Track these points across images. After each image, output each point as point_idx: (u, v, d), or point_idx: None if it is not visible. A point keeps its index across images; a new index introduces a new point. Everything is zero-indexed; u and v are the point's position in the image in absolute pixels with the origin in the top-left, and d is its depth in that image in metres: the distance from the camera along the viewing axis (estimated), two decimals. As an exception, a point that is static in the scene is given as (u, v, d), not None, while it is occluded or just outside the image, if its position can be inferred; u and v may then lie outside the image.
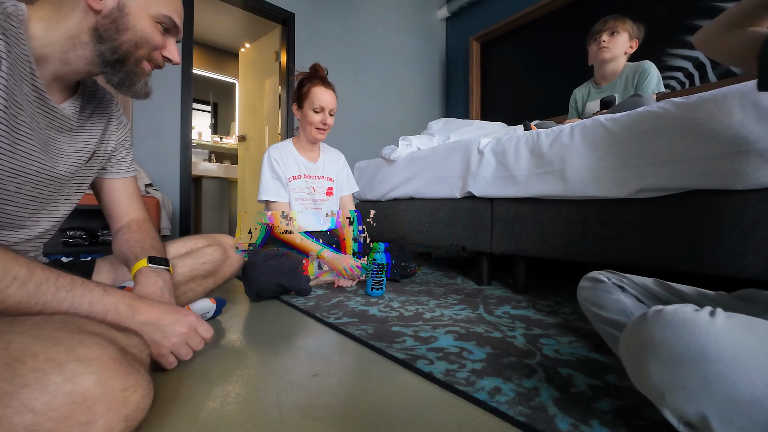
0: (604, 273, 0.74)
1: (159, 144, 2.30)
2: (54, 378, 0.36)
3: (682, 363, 0.37)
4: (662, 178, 0.92)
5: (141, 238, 0.75)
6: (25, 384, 0.35)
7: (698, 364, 0.36)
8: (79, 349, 0.39)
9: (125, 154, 0.80)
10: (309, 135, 1.48)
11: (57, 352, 0.38)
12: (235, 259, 0.98)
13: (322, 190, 1.55)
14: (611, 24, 1.54)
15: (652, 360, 0.40)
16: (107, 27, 0.58)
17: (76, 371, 0.37)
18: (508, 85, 3.42)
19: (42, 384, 0.35)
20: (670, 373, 0.38)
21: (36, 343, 0.38)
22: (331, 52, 3.06)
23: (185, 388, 0.60)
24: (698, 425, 0.38)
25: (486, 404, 0.54)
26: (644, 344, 0.41)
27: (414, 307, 1.10)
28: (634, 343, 0.43)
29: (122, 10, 0.58)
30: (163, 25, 0.62)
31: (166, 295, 0.67)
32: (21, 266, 0.46)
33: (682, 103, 0.90)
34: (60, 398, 0.35)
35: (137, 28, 0.60)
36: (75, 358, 0.38)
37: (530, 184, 1.22)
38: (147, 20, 0.61)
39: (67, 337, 0.40)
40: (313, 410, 0.54)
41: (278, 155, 1.47)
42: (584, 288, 0.75)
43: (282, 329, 0.91)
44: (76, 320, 0.46)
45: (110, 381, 0.38)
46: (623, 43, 1.54)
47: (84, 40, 0.58)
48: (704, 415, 0.36)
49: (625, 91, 1.53)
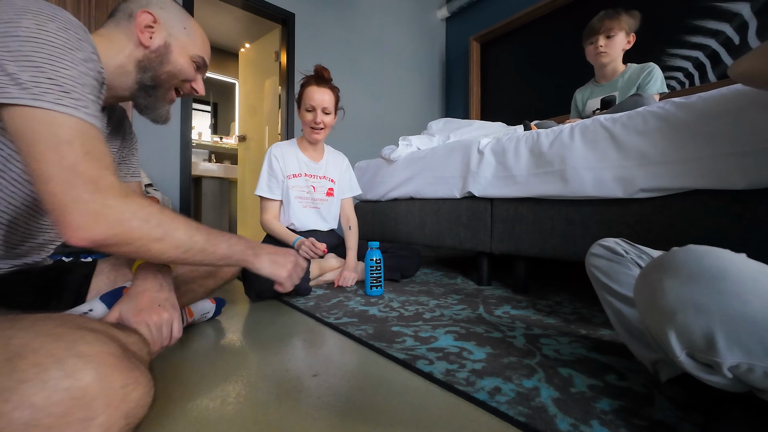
0: (621, 244, 0.70)
1: (159, 144, 2.30)
2: (54, 373, 0.36)
3: (701, 280, 0.39)
4: (662, 178, 0.92)
5: None
6: (25, 379, 0.35)
7: (716, 280, 0.38)
8: (80, 345, 0.39)
9: (134, 160, 0.87)
10: (307, 135, 1.50)
11: (57, 347, 0.38)
12: None
13: (323, 190, 1.55)
14: (607, 25, 1.50)
15: (670, 279, 0.41)
16: (153, 60, 0.68)
17: (76, 367, 0.37)
18: (508, 85, 3.42)
19: (42, 379, 0.35)
20: (687, 289, 0.39)
21: (36, 339, 0.38)
22: (331, 52, 3.06)
23: (185, 388, 0.60)
24: (703, 348, 0.38)
25: (486, 404, 0.54)
26: (664, 267, 0.42)
27: (414, 307, 1.10)
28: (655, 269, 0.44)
29: (167, 48, 0.70)
30: (196, 64, 0.75)
31: (165, 289, 0.68)
32: (194, 224, 0.59)
33: (682, 103, 0.90)
34: (59, 394, 0.35)
35: (177, 63, 0.71)
36: (75, 354, 0.38)
37: (530, 184, 1.22)
38: (185, 58, 0.73)
39: (68, 333, 0.40)
40: (313, 410, 0.54)
41: (279, 153, 1.50)
42: (598, 256, 0.71)
43: (282, 329, 0.91)
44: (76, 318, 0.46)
45: (110, 377, 0.38)
46: (620, 43, 1.52)
47: (129, 69, 0.67)
48: (712, 332, 0.37)
49: (628, 90, 1.51)
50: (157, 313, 0.62)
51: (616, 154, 1.01)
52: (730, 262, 0.39)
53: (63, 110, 0.47)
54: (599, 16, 1.53)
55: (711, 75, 2.20)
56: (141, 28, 0.67)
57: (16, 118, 0.46)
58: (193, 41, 0.74)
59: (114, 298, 0.69)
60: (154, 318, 0.61)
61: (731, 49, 2.13)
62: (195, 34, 0.75)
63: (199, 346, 0.80)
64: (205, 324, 0.95)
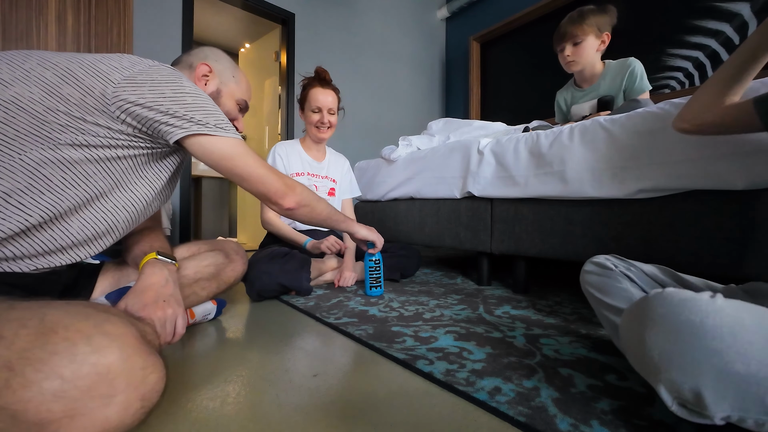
0: (611, 259, 0.72)
1: (159, 144, 2.30)
2: (82, 348, 0.38)
3: (681, 337, 0.38)
4: (662, 178, 0.92)
5: (150, 239, 0.80)
6: (56, 352, 0.37)
7: (696, 338, 0.37)
8: (106, 324, 0.41)
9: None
10: (312, 135, 1.53)
11: (86, 325, 0.40)
12: (238, 263, 0.98)
13: (324, 190, 1.57)
14: (571, 32, 1.38)
15: (651, 335, 0.41)
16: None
17: (102, 344, 0.39)
18: (508, 85, 3.42)
19: (71, 353, 0.37)
20: (669, 347, 0.39)
21: (67, 317, 0.41)
22: (331, 52, 3.06)
23: (185, 388, 0.60)
24: (692, 402, 0.38)
25: (486, 404, 0.54)
26: (645, 320, 0.42)
27: (414, 307, 1.10)
28: (636, 320, 0.43)
29: (219, 93, 0.84)
30: (240, 106, 0.88)
31: (171, 285, 0.68)
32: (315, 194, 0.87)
33: (682, 103, 0.90)
34: (86, 368, 0.37)
35: (226, 105, 0.85)
36: (102, 332, 0.40)
37: (530, 184, 1.22)
38: (232, 102, 0.86)
39: (95, 314, 0.43)
40: (313, 410, 0.54)
41: (283, 151, 1.52)
42: (590, 272, 0.74)
43: (282, 329, 0.91)
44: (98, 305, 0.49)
45: (132, 358, 0.40)
46: (590, 47, 1.39)
47: None
48: (699, 389, 0.37)
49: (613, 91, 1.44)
50: (161, 308, 0.63)
51: (615, 154, 1.01)
52: (706, 315, 0.38)
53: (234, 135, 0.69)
54: (564, 20, 1.41)
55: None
56: (199, 76, 0.81)
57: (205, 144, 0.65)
58: (240, 88, 0.87)
59: (119, 296, 0.69)
60: (158, 313, 0.62)
61: (731, 49, 2.13)
62: (241, 82, 0.88)
63: (200, 346, 0.80)
64: (205, 324, 0.95)
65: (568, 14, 1.42)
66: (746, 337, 0.36)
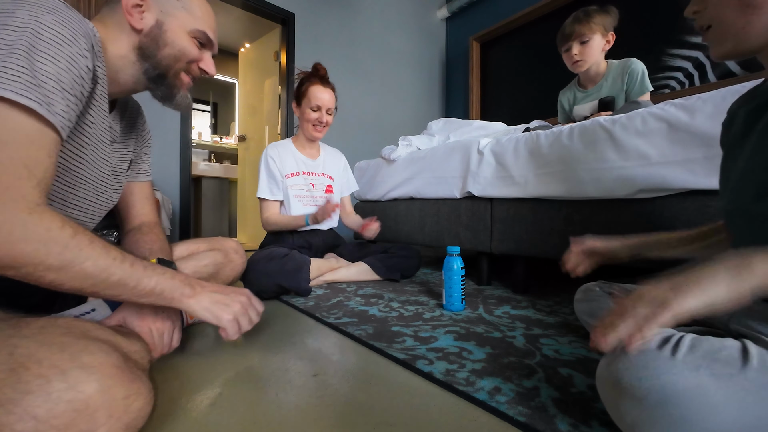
0: (597, 284, 0.76)
1: (159, 144, 2.30)
2: (57, 385, 0.35)
3: (648, 405, 0.37)
4: (662, 178, 0.92)
5: (150, 240, 0.77)
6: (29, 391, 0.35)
7: (662, 406, 0.37)
8: (83, 356, 0.39)
9: (145, 159, 0.85)
10: (307, 132, 1.50)
11: (61, 358, 0.37)
12: (237, 263, 0.98)
13: (321, 188, 1.56)
14: (578, 31, 1.39)
15: (623, 400, 0.40)
16: (148, 44, 0.63)
17: (80, 378, 0.37)
18: (508, 85, 3.42)
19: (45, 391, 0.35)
20: (640, 413, 0.38)
21: (41, 349, 0.38)
22: (331, 52, 3.06)
23: (185, 388, 0.60)
24: None
25: (486, 404, 0.54)
26: (614, 385, 0.41)
27: (414, 307, 1.10)
28: (607, 383, 0.43)
29: (161, 28, 0.63)
30: (198, 40, 0.67)
31: None
32: (115, 251, 0.50)
33: (682, 103, 0.90)
34: (62, 406, 0.35)
35: (176, 44, 0.64)
36: (79, 365, 0.38)
37: (530, 184, 1.22)
38: (184, 36, 0.66)
39: (72, 344, 0.40)
40: (313, 410, 0.54)
41: (275, 153, 1.50)
42: (578, 301, 0.77)
43: (282, 329, 0.91)
44: (81, 324, 0.46)
45: (113, 389, 0.38)
46: (597, 46, 1.41)
47: (132, 59, 0.63)
48: None
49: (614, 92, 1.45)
50: (160, 320, 0.62)
51: (615, 154, 1.01)
52: (666, 378, 0.37)
53: (24, 102, 0.43)
54: (569, 20, 1.43)
55: (711, 75, 2.20)
56: (128, 9, 0.60)
57: None
58: (192, 15, 0.66)
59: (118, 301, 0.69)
60: (157, 325, 0.61)
61: (731, 50, 2.13)
62: (195, 8, 0.66)
63: (199, 347, 0.80)
64: (205, 324, 0.95)
65: (573, 14, 1.43)
66: (708, 402, 0.35)
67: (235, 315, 0.60)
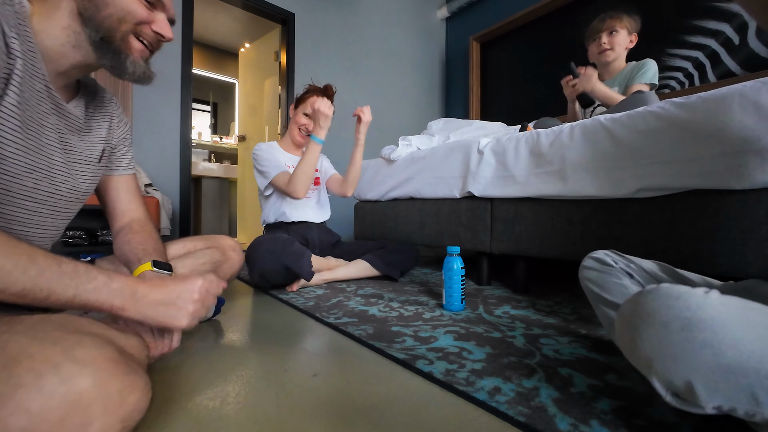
0: (610, 255, 0.72)
1: (159, 144, 2.30)
2: (50, 379, 0.35)
3: (672, 330, 0.39)
4: (662, 178, 0.92)
5: (143, 240, 0.75)
6: (21, 385, 0.34)
7: (687, 330, 0.38)
8: (76, 349, 0.38)
9: (125, 151, 0.80)
10: (293, 136, 1.56)
11: (54, 352, 0.37)
12: (235, 261, 0.98)
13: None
14: (609, 23, 1.52)
15: (644, 328, 0.41)
16: (87, 6, 0.56)
17: (73, 372, 0.36)
18: (508, 85, 3.42)
19: (38, 385, 0.35)
20: (660, 339, 0.39)
21: (33, 344, 0.38)
22: (331, 52, 3.06)
23: (184, 387, 0.60)
24: (684, 393, 0.39)
25: (486, 404, 0.54)
26: (638, 314, 0.42)
27: (414, 307, 1.10)
28: (629, 314, 0.44)
29: None
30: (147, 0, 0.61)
31: None
32: (22, 253, 0.45)
33: (682, 103, 0.90)
34: (56, 400, 0.35)
35: (116, 3, 0.58)
36: (72, 359, 0.37)
37: (530, 184, 1.22)
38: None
39: (65, 338, 0.40)
40: (313, 410, 0.54)
41: (266, 147, 1.53)
42: (589, 268, 0.73)
43: (282, 329, 0.91)
44: (75, 320, 0.46)
45: (107, 382, 0.38)
46: (623, 40, 1.53)
47: (75, 28, 0.57)
48: (690, 381, 0.37)
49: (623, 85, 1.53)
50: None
51: (615, 153, 1.01)
52: (698, 308, 0.38)
53: None
54: (600, 17, 1.55)
55: (711, 75, 2.20)
56: None
57: None
58: None
59: None
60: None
61: (731, 49, 2.13)
62: None
63: (199, 346, 0.79)
64: (204, 324, 0.94)
65: (603, 13, 1.56)
66: (737, 328, 0.36)
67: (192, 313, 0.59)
